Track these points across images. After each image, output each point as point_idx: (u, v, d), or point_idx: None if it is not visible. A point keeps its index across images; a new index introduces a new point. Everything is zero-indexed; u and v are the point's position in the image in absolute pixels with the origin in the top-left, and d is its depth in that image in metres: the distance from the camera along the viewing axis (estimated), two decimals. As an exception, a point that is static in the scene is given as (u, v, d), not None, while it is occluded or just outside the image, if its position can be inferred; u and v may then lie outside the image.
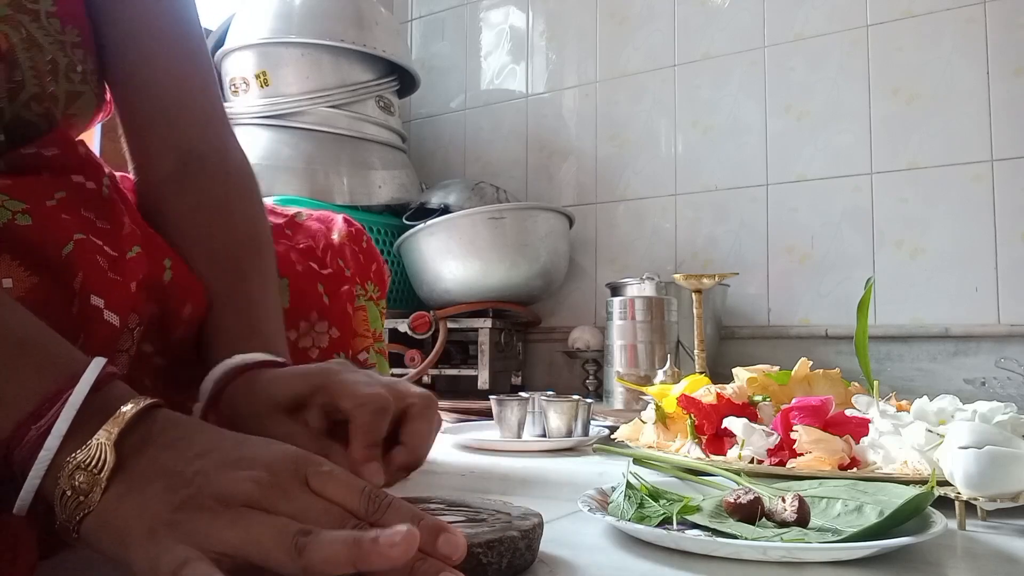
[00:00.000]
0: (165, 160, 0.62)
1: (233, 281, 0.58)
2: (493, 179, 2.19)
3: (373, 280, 0.80)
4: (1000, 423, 0.64)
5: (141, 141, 0.63)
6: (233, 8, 2.06)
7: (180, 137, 0.62)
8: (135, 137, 0.63)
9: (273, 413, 0.47)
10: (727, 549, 0.50)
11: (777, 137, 1.93)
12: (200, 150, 0.63)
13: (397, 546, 0.32)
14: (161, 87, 0.62)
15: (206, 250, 0.60)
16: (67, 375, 0.37)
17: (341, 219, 0.79)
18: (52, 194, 0.51)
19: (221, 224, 0.61)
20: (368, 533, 0.33)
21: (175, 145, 0.62)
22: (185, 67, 0.64)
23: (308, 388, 0.47)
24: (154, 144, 0.62)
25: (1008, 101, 1.68)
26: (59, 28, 0.56)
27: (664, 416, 0.91)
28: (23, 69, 0.54)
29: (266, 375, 0.49)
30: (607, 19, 2.21)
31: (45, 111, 0.56)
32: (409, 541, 0.32)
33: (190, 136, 0.63)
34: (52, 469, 0.35)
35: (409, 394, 0.46)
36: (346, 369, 0.48)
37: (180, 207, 0.61)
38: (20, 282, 0.46)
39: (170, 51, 0.63)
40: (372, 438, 0.44)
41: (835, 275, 1.84)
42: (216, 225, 0.61)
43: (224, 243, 0.60)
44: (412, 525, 0.34)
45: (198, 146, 0.63)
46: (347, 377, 0.46)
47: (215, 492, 0.34)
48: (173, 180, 0.61)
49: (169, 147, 0.62)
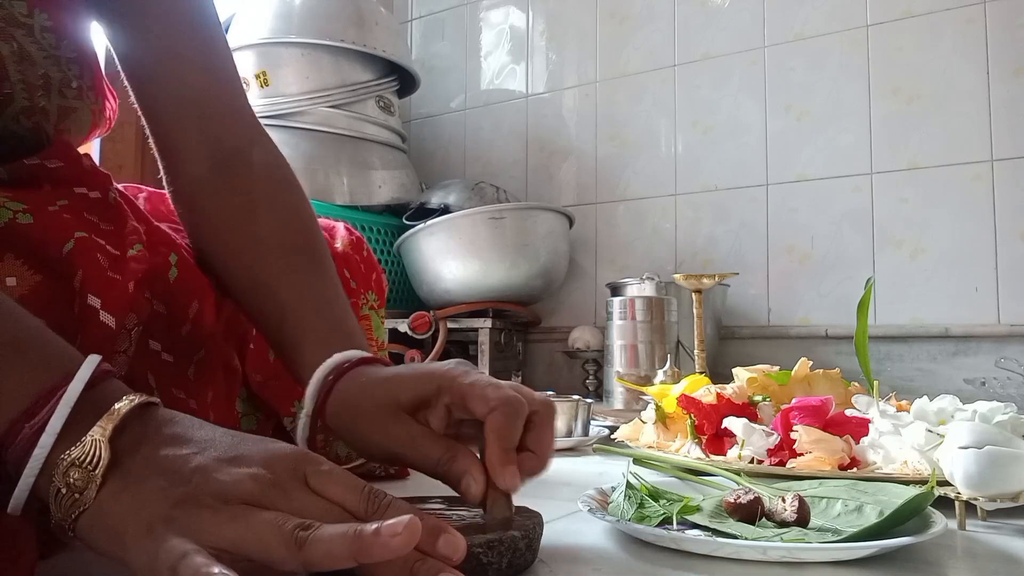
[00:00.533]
0: (198, 155, 0.61)
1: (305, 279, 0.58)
2: (493, 179, 2.19)
3: (374, 289, 0.80)
4: (1000, 423, 0.64)
5: (171, 140, 0.62)
6: (233, 8, 2.06)
7: (211, 130, 0.61)
8: (164, 137, 0.62)
9: (396, 412, 0.47)
10: (727, 549, 0.50)
11: (777, 137, 1.93)
12: (234, 143, 0.62)
13: (399, 536, 0.32)
14: (187, 81, 0.61)
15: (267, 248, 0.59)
16: (62, 372, 0.37)
17: (343, 227, 0.79)
18: (54, 201, 0.51)
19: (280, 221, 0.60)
20: (369, 525, 0.32)
21: (207, 139, 0.61)
22: (210, 60, 0.63)
23: (433, 389, 0.47)
24: (185, 141, 0.61)
25: (1008, 101, 1.68)
26: (54, 43, 0.55)
27: (664, 416, 0.91)
28: (12, 82, 0.53)
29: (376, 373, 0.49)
30: (607, 19, 2.21)
31: (35, 125, 0.55)
32: (411, 531, 0.32)
33: (222, 128, 0.62)
34: (46, 467, 0.35)
35: (534, 401, 0.47)
36: (469, 371, 0.48)
37: (227, 204, 0.60)
38: (23, 280, 0.46)
39: (193, 41, 0.62)
40: (509, 442, 0.44)
41: (835, 275, 1.84)
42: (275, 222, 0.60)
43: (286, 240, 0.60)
44: (412, 516, 0.34)
45: (231, 139, 0.62)
46: (473, 379, 0.47)
47: (214, 489, 0.34)
48: (212, 176, 0.60)
49: (201, 141, 0.61)
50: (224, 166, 0.61)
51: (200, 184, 0.61)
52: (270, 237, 0.60)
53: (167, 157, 0.62)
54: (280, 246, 0.59)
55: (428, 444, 0.45)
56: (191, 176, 0.61)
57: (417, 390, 0.47)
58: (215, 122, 0.62)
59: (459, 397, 0.46)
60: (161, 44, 0.61)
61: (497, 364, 1.95)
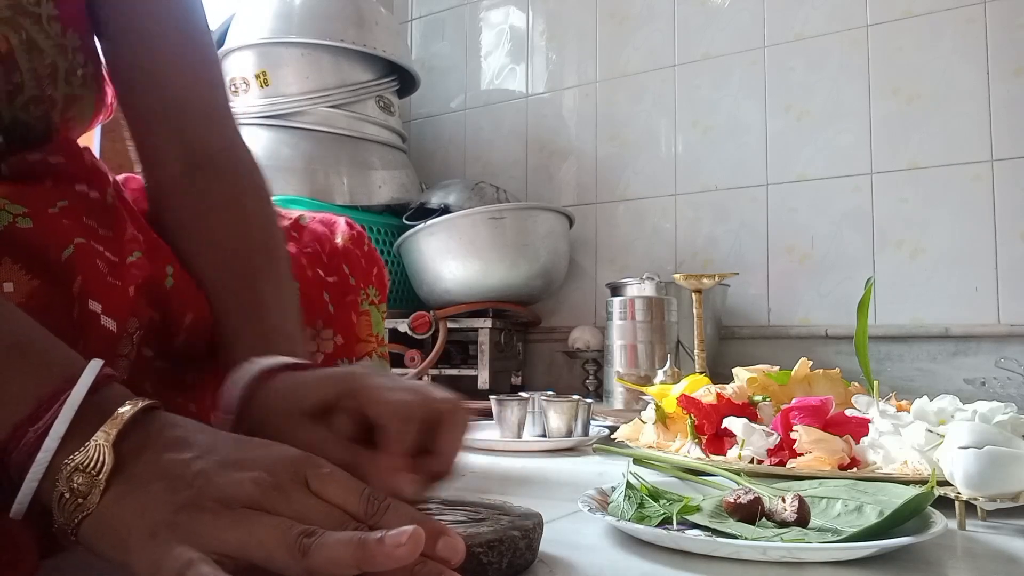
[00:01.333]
0: (172, 158, 0.61)
1: (249, 283, 0.57)
2: (493, 179, 2.19)
3: (375, 284, 0.79)
4: (1000, 423, 0.64)
5: (147, 140, 0.62)
6: (233, 8, 2.06)
7: (187, 134, 0.61)
8: (141, 136, 0.62)
9: (300, 418, 0.45)
10: (727, 549, 0.50)
11: (777, 137, 1.93)
12: (208, 147, 0.62)
13: (403, 546, 0.32)
14: (166, 84, 0.61)
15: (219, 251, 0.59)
16: (64, 377, 0.37)
17: (344, 222, 0.79)
18: (54, 202, 0.51)
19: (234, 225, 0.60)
20: (373, 533, 0.32)
21: (182, 142, 0.61)
22: (191, 64, 0.63)
23: (334, 393, 0.45)
24: (160, 142, 0.61)
25: (1008, 101, 1.68)
26: (60, 32, 0.55)
27: (664, 416, 0.91)
28: (22, 72, 0.53)
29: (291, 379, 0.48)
30: (607, 19, 2.21)
31: (43, 114, 0.56)
32: (415, 541, 0.32)
33: (197, 133, 0.62)
34: (50, 471, 0.35)
35: (437, 400, 0.45)
36: (372, 373, 0.47)
37: (190, 206, 0.60)
38: (21, 286, 0.46)
39: (176, 48, 0.62)
40: (402, 446, 0.42)
41: (835, 275, 1.84)
42: (229, 226, 0.60)
43: (238, 244, 0.59)
44: (416, 525, 0.34)
45: (206, 143, 0.62)
46: (374, 382, 0.45)
47: (216, 494, 0.34)
48: (182, 179, 0.61)
49: (176, 144, 0.61)
50: (193, 170, 0.61)
51: (168, 187, 0.61)
52: (221, 241, 0.59)
53: (142, 160, 0.63)
54: (228, 251, 0.59)
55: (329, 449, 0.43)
56: (161, 179, 0.62)
57: (319, 394, 0.45)
58: (189, 127, 0.62)
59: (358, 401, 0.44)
60: (142, 47, 0.61)
61: (497, 364, 1.95)
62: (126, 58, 0.61)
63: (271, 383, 0.48)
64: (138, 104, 0.62)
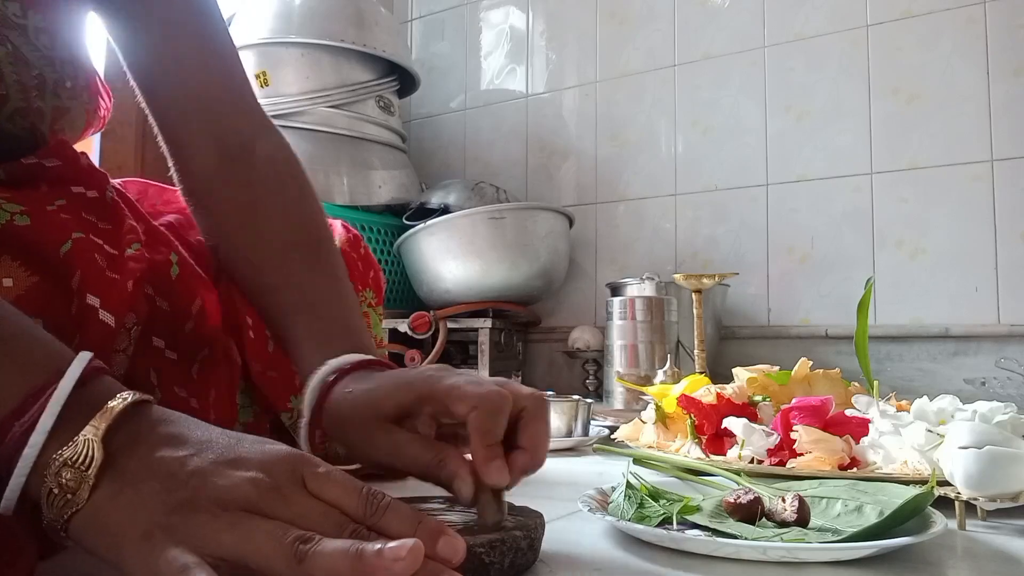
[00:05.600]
0: (205, 153, 0.61)
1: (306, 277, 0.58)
2: (493, 179, 2.19)
3: (371, 287, 0.80)
4: (1000, 423, 0.64)
5: (179, 136, 0.62)
6: (233, 8, 2.06)
7: (218, 127, 0.62)
8: (172, 133, 0.62)
9: (381, 423, 0.46)
10: (727, 549, 0.50)
11: (777, 137, 1.93)
12: (241, 137, 0.62)
13: (402, 560, 0.31)
14: (191, 79, 0.62)
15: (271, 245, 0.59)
16: (52, 370, 0.36)
17: (340, 225, 0.79)
18: (52, 201, 0.51)
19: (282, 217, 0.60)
20: (372, 545, 0.32)
21: (214, 136, 0.61)
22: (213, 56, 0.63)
23: (414, 398, 0.46)
24: (191, 137, 0.61)
25: (1008, 101, 1.68)
26: (48, 44, 0.55)
27: (664, 416, 0.91)
28: (7, 84, 0.53)
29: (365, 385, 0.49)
30: (607, 19, 2.21)
31: (30, 126, 0.55)
32: (415, 555, 0.31)
33: (228, 125, 0.62)
34: (38, 467, 0.34)
35: (521, 395, 0.46)
36: (448, 373, 0.47)
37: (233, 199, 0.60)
38: (20, 282, 0.46)
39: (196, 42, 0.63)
40: (491, 438, 0.43)
41: (835, 275, 1.84)
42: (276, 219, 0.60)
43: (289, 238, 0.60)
44: (414, 531, 0.33)
45: (237, 135, 0.62)
46: (453, 381, 0.46)
47: (212, 494, 0.34)
48: (219, 170, 0.61)
49: (207, 139, 0.61)
50: (230, 162, 0.61)
51: (207, 180, 0.62)
52: (272, 234, 0.60)
53: (175, 154, 0.63)
54: (282, 244, 0.60)
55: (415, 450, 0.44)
56: (198, 172, 0.62)
57: (397, 401, 0.47)
58: (220, 118, 0.62)
59: (440, 402, 0.45)
60: (164, 42, 0.61)
61: (497, 364, 1.95)
62: (146, 50, 0.61)
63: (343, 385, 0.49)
64: (163, 97, 0.62)
